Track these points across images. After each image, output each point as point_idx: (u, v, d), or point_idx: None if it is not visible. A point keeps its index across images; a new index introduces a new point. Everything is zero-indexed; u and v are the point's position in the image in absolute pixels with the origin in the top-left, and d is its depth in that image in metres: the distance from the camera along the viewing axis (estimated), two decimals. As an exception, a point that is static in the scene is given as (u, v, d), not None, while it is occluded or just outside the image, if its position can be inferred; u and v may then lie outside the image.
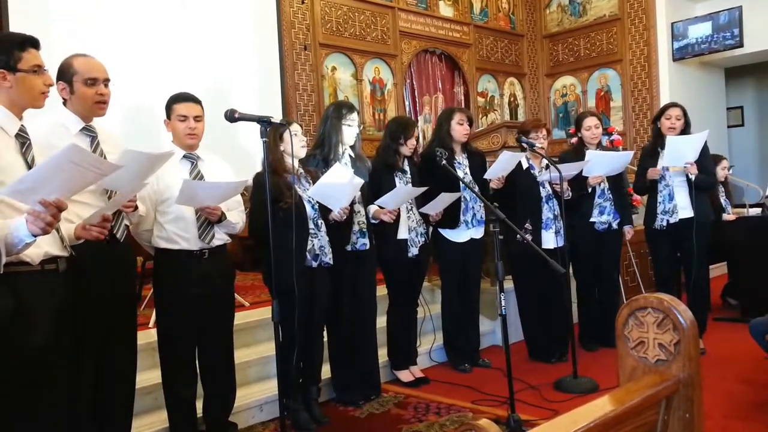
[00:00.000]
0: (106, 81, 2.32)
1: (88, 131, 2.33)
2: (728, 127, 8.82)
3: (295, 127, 2.96)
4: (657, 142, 3.92)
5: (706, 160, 3.80)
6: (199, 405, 2.77)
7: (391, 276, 3.54)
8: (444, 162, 3.23)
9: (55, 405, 1.91)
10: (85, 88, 2.27)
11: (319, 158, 3.20)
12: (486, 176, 3.59)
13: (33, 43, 1.97)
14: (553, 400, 3.19)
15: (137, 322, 2.57)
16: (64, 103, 2.32)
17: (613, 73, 8.03)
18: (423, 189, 3.31)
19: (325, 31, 6.40)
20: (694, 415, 1.34)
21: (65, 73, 2.28)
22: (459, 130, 3.68)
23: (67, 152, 1.58)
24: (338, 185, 2.88)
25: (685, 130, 3.82)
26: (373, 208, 3.28)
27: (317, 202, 2.96)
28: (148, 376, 2.99)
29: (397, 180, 3.44)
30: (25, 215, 1.65)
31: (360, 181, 3.12)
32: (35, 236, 1.67)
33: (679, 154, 3.65)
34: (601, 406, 1.20)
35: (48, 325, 1.87)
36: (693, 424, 1.34)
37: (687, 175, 3.70)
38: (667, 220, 3.80)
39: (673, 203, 3.78)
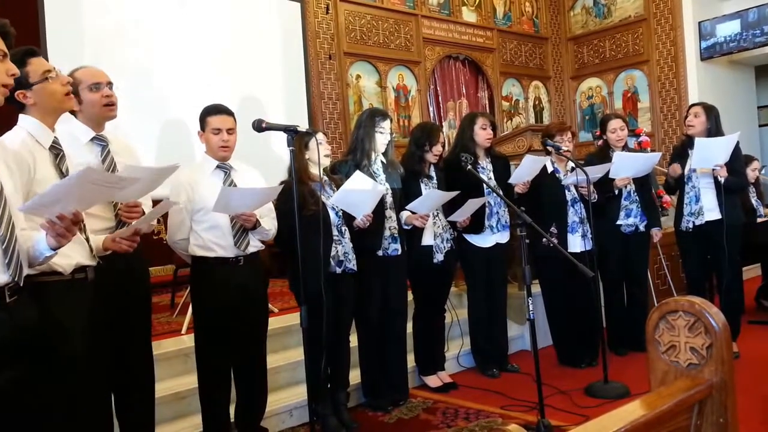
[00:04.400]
0: (110, 84, 2.39)
1: (99, 140, 2.37)
2: (760, 126, 8.64)
3: (320, 136, 3.00)
4: (686, 142, 3.87)
5: (737, 162, 3.72)
6: (231, 410, 2.81)
7: (416, 282, 3.55)
8: (470, 167, 3.23)
9: (90, 413, 1.95)
10: (91, 94, 2.34)
11: (351, 164, 3.23)
12: (510, 181, 3.58)
13: (30, 52, 1.99)
14: (584, 405, 3.15)
15: (167, 329, 2.61)
16: (75, 115, 2.37)
17: (640, 74, 7.94)
18: (455, 193, 3.30)
19: (349, 40, 6.47)
20: (728, 420, 1.32)
21: (71, 87, 2.35)
22: (482, 134, 3.67)
23: (83, 174, 1.60)
24: (360, 193, 2.91)
25: (711, 128, 3.73)
26: (405, 213, 3.30)
27: (341, 208, 2.99)
28: (181, 381, 3.05)
29: (422, 186, 3.45)
30: (42, 227, 1.68)
31: (383, 189, 3.14)
32: (54, 249, 1.70)
33: (708, 155, 3.58)
34: (631, 411, 1.20)
35: (81, 332, 1.91)
36: (727, 429, 1.32)
37: (715, 177, 3.63)
38: (694, 222, 3.75)
39: (699, 205, 3.72)
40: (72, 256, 1.89)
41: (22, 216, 1.74)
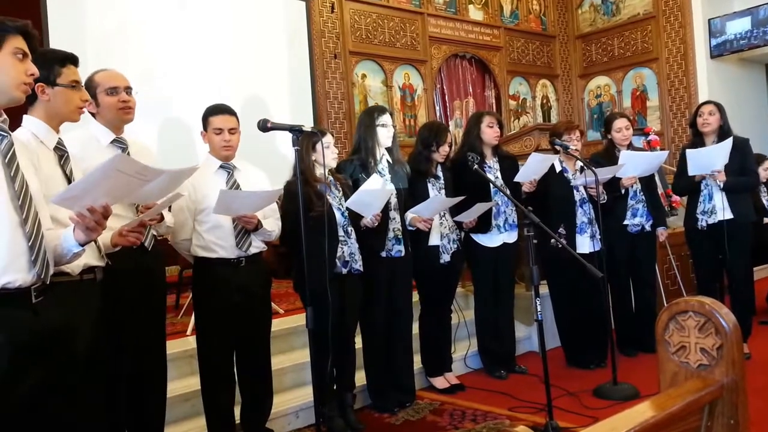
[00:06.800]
0: (128, 89, 2.40)
1: (119, 143, 2.40)
2: (771, 124, 8.55)
3: (328, 139, 2.98)
4: (696, 141, 3.84)
5: (748, 162, 3.70)
6: (236, 411, 2.80)
7: (422, 283, 3.53)
8: (476, 166, 3.21)
9: (96, 414, 1.95)
10: (108, 98, 2.35)
11: (357, 164, 3.21)
12: (516, 179, 3.55)
13: (73, 60, 2.05)
14: (593, 407, 3.12)
15: (166, 331, 2.62)
16: (94, 117, 2.40)
17: (649, 72, 7.88)
18: (459, 199, 3.28)
19: (354, 39, 6.46)
20: (740, 422, 1.30)
21: (89, 89, 2.35)
22: (489, 133, 3.64)
23: (114, 161, 1.62)
24: (372, 193, 2.91)
25: (724, 125, 3.72)
26: (410, 215, 3.28)
27: (347, 209, 2.98)
28: (186, 383, 3.05)
29: (429, 186, 3.43)
30: (71, 220, 1.69)
31: (391, 189, 3.13)
32: (82, 246, 1.71)
33: (704, 163, 3.59)
34: (641, 412, 1.17)
35: (88, 334, 1.92)
36: (738, 430, 1.30)
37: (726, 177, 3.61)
38: (706, 221, 3.71)
39: (712, 204, 3.69)
40: (81, 257, 1.88)
41: (48, 215, 1.75)
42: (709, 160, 3.57)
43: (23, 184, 1.65)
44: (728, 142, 3.55)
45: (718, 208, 3.67)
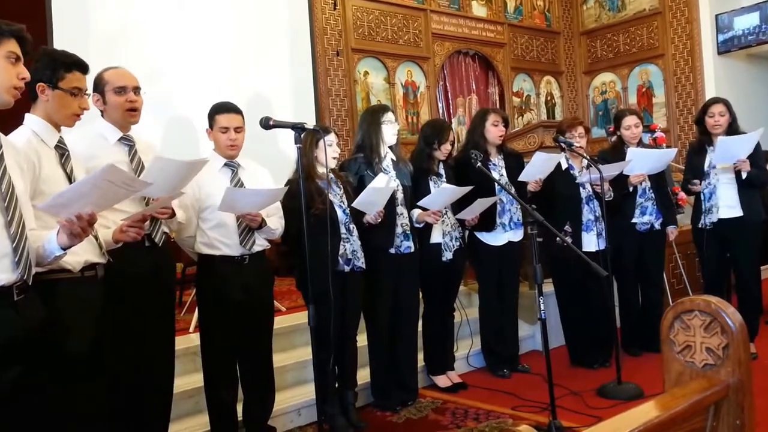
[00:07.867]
0: (136, 89, 2.39)
1: (126, 141, 2.40)
2: (779, 121, 8.48)
3: (331, 138, 2.97)
4: (703, 140, 3.79)
5: (757, 157, 3.66)
6: (239, 409, 2.80)
7: (425, 281, 3.51)
8: (479, 164, 3.19)
9: (96, 412, 1.96)
10: (115, 97, 2.34)
11: (361, 161, 3.20)
12: (521, 179, 3.52)
13: (81, 66, 2.05)
14: (596, 406, 3.10)
15: (176, 327, 2.61)
16: (102, 115, 2.40)
17: (655, 69, 7.82)
18: (468, 188, 3.26)
19: (357, 36, 6.43)
20: (745, 422, 1.28)
21: (98, 85, 2.36)
22: (494, 131, 3.62)
23: (105, 172, 1.63)
24: (378, 191, 2.91)
25: (732, 125, 3.68)
26: (416, 211, 3.26)
27: (348, 206, 2.97)
28: (189, 380, 3.05)
29: (432, 184, 3.41)
30: (59, 225, 1.70)
31: (395, 185, 3.11)
32: (64, 249, 1.72)
33: (730, 153, 3.54)
34: (645, 412, 1.16)
35: (88, 330, 1.92)
36: (744, 431, 1.28)
37: (736, 174, 3.56)
38: (711, 219, 3.67)
39: (711, 203, 3.66)
40: (81, 254, 1.90)
41: (32, 216, 1.76)
42: (737, 148, 3.52)
43: (9, 186, 1.65)
44: (758, 133, 3.52)
45: (727, 206, 3.63)
